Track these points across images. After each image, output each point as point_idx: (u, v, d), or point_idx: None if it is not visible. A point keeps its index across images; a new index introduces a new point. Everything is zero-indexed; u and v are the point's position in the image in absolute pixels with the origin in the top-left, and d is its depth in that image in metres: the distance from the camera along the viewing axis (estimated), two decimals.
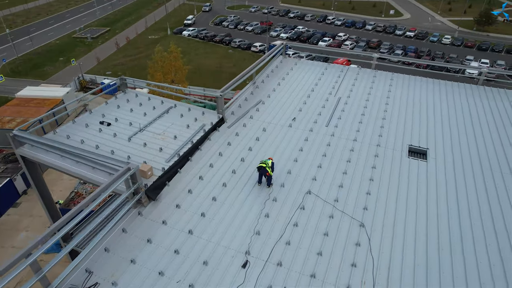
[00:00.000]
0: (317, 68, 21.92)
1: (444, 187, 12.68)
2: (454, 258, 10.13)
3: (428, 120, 16.50)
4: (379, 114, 16.98)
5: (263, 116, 16.92)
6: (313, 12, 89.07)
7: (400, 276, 9.63)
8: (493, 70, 19.61)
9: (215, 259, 10.12)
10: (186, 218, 11.41)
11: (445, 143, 14.95)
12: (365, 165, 13.75)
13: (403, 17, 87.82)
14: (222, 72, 56.75)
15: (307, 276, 9.65)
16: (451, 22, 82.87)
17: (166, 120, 15.87)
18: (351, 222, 11.29)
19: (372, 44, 65.71)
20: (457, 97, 18.46)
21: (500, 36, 73.70)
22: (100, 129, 14.93)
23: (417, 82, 20.06)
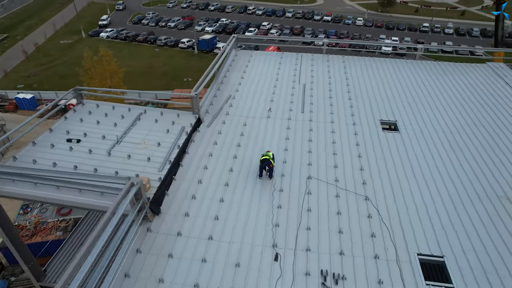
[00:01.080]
0: (272, 57, 22.34)
1: (420, 151, 14.17)
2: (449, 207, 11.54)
3: (388, 95, 18.11)
4: (345, 95, 18.10)
5: (238, 111, 16.82)
6: (233, 4, 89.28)
7: (413, 237, 10.66)
8: (430, 47, 22.16)
9: (244, 259, 10.01)
10: (200, 225, 11.01)
11: (409, 114, 16.62)
12: (349, 144, 14.65)
13: (318, 3, 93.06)
14: (153, 72, 54.19)
15: (337, 255, 10.13)
16: (359, 6, 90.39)
17: (141, 127, 14.83)
18: (356, 198, 12.05)
19: (296, 31, 68.58)
20: (405, 72, 20.52)
21: (400, 16, 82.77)
22: (71, 147, 13.35)
23: (366, 62, 21.76)
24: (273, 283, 9.41)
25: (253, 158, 13.79)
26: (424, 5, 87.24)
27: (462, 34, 69.11)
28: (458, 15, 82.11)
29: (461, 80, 19.68)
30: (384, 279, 9.47)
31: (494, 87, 18.97)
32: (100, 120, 15.10)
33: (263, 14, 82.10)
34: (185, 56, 59.20)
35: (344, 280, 9.47)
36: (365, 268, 9.81)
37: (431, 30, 70.37)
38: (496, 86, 19.09)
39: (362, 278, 9.55)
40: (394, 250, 10.28)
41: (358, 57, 22.31)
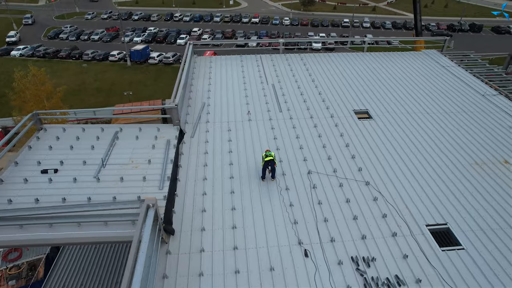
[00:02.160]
0: (233, 61, 22.32)
1: (396, 134, 15.46)
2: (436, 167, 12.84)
3: (352, 86, 19.35)
4: (314, 90, 18.90)
5: (217, 117, 16.54)
6: (157, 12, 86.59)
7: (418, 211, 11.65)
8: (377, 39, 24.08)
9: (276, 261, 9.98)
10: (220, 237, 10.68)
11: (376, 102, 17.98)
12: (334, 135, 15.37)
13: (242, 6, 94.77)
14: (85, 89, 50.15)
15: (360, 240, 10.63)
16: (282, 6, 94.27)
17: (123, 147, 13.76)
18: (358, 184, 12.74)
19: (228, 34, 69.04)
20: (359, 63, 22.09)
21: (321, 13, 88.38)
22: (50, 179, 11.85)
23: (322, 58, 22.93)
24: (312, 279, 9.54)
25: (249, 162, 13.73)
26: (340, 3, 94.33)
27: (377, 27, 76.33)
28: (370, 11, 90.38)
29: (408, 67, 21.85)
30: (408, 253, 10.21)
31: (436, 70, 21.44)
32: (73, 144, 13.64)
33: (190, 20, 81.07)
34: (118, 69, 55.83)
35: (374, 262, 9.99)
36: (387, 247, 10.46)
37: (351, 25, 76.42)
38: (436, 69, 21.58)
39: (389, 256, 10.18)
40: (406, 226, 11.12)
41: (314, 54, 23.43)
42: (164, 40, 66.98)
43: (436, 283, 9.49)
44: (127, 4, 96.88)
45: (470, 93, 18.79)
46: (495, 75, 21.92)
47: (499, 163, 13.87)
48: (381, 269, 9.82)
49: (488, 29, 73.28)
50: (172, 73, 54.06)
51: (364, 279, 9.55)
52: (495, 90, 19.26)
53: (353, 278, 9.58)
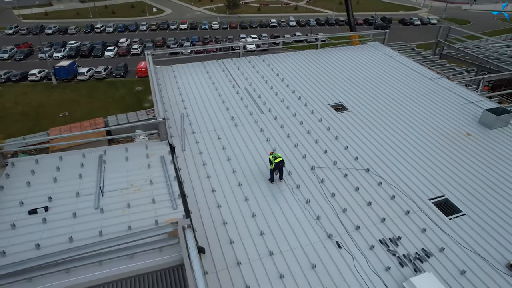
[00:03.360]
0: (196, 68, 21.74)
1: (375, 121, 16.64)
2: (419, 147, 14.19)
3: (320, 82, 20.23)
4: (286, 89, 19.36)
5: (202, 127, 16.05)
6: (74, 24, 79.79)
7: (418, 188, 12.75)
8: (329, 35, 25.38)
9: (315, 259, 10.14)
10: (251, 245, 10.48)
11: (346, 94, 19.07)
12: (321, 129, 15.98)
13: (166, 13, 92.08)
14: (7, 115, 44.16)
15: (381, 223, 11.31)
16: (207, 11, 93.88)
17: (115, 170, 12.58)
18: (360, 172, 13.46)
19: (159, 43, 66.59)
20: (317, 60, 23.14)
21: (247, 15, 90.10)
22: (44, 219, 10.35)
23: (282, 58, 23.52)
24: (353, 268, 9.89)
25: (251, 167, 13.63)
26: (263, 4, 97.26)
27: (303, 25, 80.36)
28: (292, 10, 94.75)
29: (361, 59, 23.53)
30: (424, 227, 11.14)
31: (385, 60, 23.44)
32: (55, 176, 12.07)
33: (114, 31, 76.26)
34: (43, 89, 50.17)
35: (400, 240, 10.72)
36: (405, 225, 11.29)
37: (279, 25, 79.27)
38: (385, 59, 23.62)
39: (410, 233, 11.00)
40: (414, 203, 12.11)
41: (273, 55, 23.92)
42: (90, 54, 62.03)
43: (456, 248, 10.54)
44: (33, 17, 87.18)
45: (420, 78, 20.99)
46: (431, 60, 24.79)
47: (464, 136, 15.79)
48: (408, 246, 10.58)
49: (396, 22, 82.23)
50: (107, 88, 50.55)
51: (397, 258, 10.20)
52: (438, 74, 21.80)
53: (388, 259, 10.16)
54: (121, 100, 48.27)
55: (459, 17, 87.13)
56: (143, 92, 49.55)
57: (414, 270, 9.86)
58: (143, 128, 43.86)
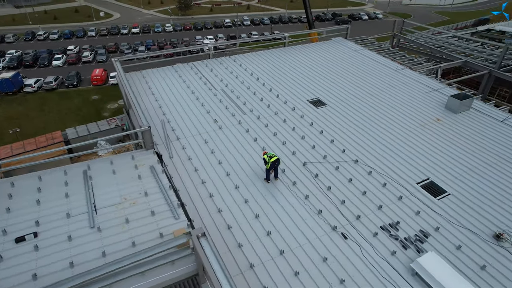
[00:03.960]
0: (167, 72, 21.08)
1: (353, 113, 17.27)
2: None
3: (295, 79, 20.56)
4: (263, 89, 19.43)
5: (186, 132, 15.64)
6: (11, 31, 73.66)
7: (405, 174, 13.47)
8: (293, 33, 25.75)
9: (325, 251, 10.36)
10: (260, 247, 10.46)
11: (322, 90, 19.56)
12: (304, 125, 16.27)
13: (115, 17, 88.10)
14: None
15: (378, 210, 11.81)
16: (158, 13, 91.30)
17: (104, 185, 11.85)
18: (350, 164, 13.92)
19: (111, 48, 63.65)
20: (287, 58, 23.47)
21: (199, 16, 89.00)
22: (35, 246, 9.49)
23: (252, 57, 23.55)
24: (362, 256, 10.23)
25: (244, 168, 13.56)
26: (215, 4, 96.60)
27: (257, 24, 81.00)
28: (245, 9, 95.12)
29: (329, 55, 24.24)
30: (419, 210, 11.80)
31: (351, 54, 24.36)
32: (38, 198, 11.11)
33: (60, 38, 71.52)
34: None
35: (399, 224, 11.27)
36: (401, 210, 11.88)
37: (233, 25, 79.21)
38: (351, 54, 24.55)
39: (406, 217, 11.60)
40: (404, 189, 12.78)
41: (244, 55, 23.85)
42: (35, 64, 57.66)
43: (448, 226, 11.30)
44: None
45: (386, 70, 22.11)
46: (392, 52, 26.22)
47: (434, 121, 16.92)
48: (407, 229, 11.16)
49: (346, 17, 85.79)
50: (60, 100, 47.40)
51: (400, 241, 10.72)
52: (401, 65, 23.12)
53: (391, 244, 10.65)
54: (77, 111, 45.50)
55: (401, 11, 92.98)
56: (101, 101, 47.15)
57: (417, 251, 10.42)
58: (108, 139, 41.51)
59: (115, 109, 45.35)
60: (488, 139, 15.64)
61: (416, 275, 9.68)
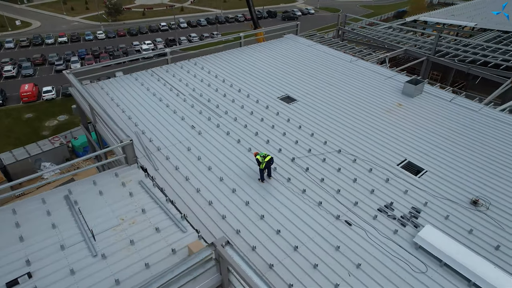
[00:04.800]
0: (127, 81, 19.87)
1: (322, 106, 17.99)
2: None
3: (260, 78, 20.73)
4: (232, 90, 19.31)
5: (165, 141, 14.99)
6: None
7: (385, 158, 14.44)
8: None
9: (335, 240, 10.74)
10: (274, 247, 10.51)
11: (288, 86, 20.01)
12: (282, 122, 16.54)
13: (34, 26, 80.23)
14: None
15: (372, 194, 12.52)
16: (86, 20, 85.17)
17: (93, 209, 10.88)
18: (334, 155, 14.51)
19: (38, 61, 58.03)
20: (246, 58, 23.56)
21: (132, 21, 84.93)
22: (35, 287, 8.43)
23: (211, 59, 23.20)
24: (369, 240, 10.79)
25: (236, 171, 13.44)
26: (147, 8, 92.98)
27: (194, 25, 79.69)
28: (179, 12, 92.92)
29: (286, 51, 24.81)
30: (406, 189, 12.75)
31: (306, 50, 25.23)
32: (20, 234, 9.84)
33: None
34: None
35: (393, 205, 12.08)
36: (390, 191, 12.74)
37: (169, 28, 76.99)
38: (306, 49, 25.42)
39: (397, 197, 12.47)
40: (388, 171, 13.70)
41: (202, 57, 23.40)
42: None
43: (433, 200, 12.40)
44: None
45: (341, 62, 23.34)
46: (342, 45, 27.72)
47: (396, 106, 18.33)
48: (401, 208, 12.01)
49: (281, 14, 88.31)
50: None
51: (398, 220, 11.51)
52: (353, 56, 24.57)
53: (391, 224, 11.38)
54: (8, 133, 40.93)
55: (331, 6, 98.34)
56: (36, 120, 42.95)
57: (414, 226, 11.28)
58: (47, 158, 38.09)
59: (55, 127, 41.72)
60: (443, 118, 17.39)
61: (420, 248, 10.49)
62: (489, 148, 15.25)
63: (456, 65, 25.53)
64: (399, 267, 10.04)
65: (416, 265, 10.11)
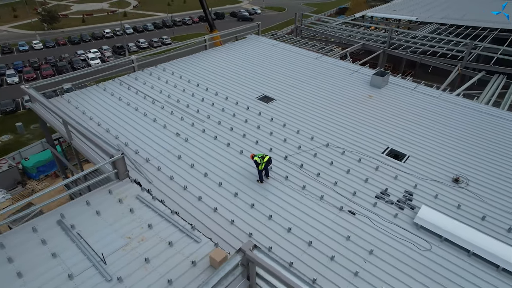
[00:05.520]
0: (95, 93, 18.67)
1: (301, 103, 18.43)
2: None
3: (234, 80, 20.63)
4: (209, 94, 19.00)
5: (152, 152, 14.40)
6: None
7: (370, 147, 15.21)
8: (214, 34, 25.53)
9: (344, 231, 11.15)
10: (288, 245, 10.66)
11: (263, 87, 20.16)
12: (266, 122, 16.67)
13: None
14: None
15: (367, 183, 13.15)
16: (17, 29, 78.15)
17: (94, 230, 10.12)
18: (324, 148, 14.95)
19: None
20: (216, 60, 23.30)
21: (71, 29, 79.58)
22: None
23: (181, 63, 22.61)
24: (374, 226, 11.32)
25: (233, 175, 13.35)
26: (86, 14, 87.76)
27: (141, 31, 76.73)
28: (121, 17, 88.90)
29: (254, 52, 24.96)
30: (395, 174, 13.56)
31: (273, 49, 25.59)
32: (17, 269, 8.85)
33: None
34: None
35: (388, 191, 12.79)
36: (383, 178, 13.46)
37: (114, 34, 73.36)
38: (272, 49, 25.77)
39: (389, 183, 13.22)
40: (376, 160, 14.45)
41: (169, 62, 22.71)
42: None
43: (421, 182, 13.33)
44: None
45: (308, 59, 24.04)
46: (303, 43, 28.51)
47: (368, 98, 19.35)
48: (395, 193, 12.75)
49: (228, 15, 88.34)
50: None
51: (395, 204, 12.21)
52: (317, 53, 25.42)
53: (390, 209, 12.05)
54: None
55: (275, 5, 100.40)
56: None
57: (411, 208, 12.05)
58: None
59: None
60: (411, 105, 18.72)
61: (421, 228, 11.24)
62: (454, 129, 16.74)
63: (409, 56, 27.61)
64: (407, 248, 10.68)
65: (420, 243, 10.82)
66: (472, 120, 17.59)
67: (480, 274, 10.07)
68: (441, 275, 9.92)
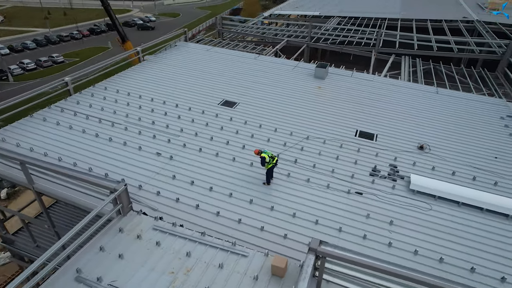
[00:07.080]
0: (38, 125, 15.77)
1: (266, 103, 18.86)
2: None
3: (188, 89, 19.80)
4: (169, 107, 17.82)
5: (142, 178, 13.01)
6: None
7: (343, 132, 16.55)
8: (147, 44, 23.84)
9: (361, 211, 12.07)
10: (323, 236, 11.01)
11: (222, 92, 19.86)
12: (241, 126, 16.62)
13: None
14: None
15: (357, 164, 14.37)
16: None
17: (128, 277, 8.89)
18: (306, 142, 15.70)
19: None
20: (158, 71, 21.93)
21: None
22: None
23: (117, 81, 20.65)
24: (382, 200, 12.55)
25: (236, 182, 13.12)
26: None
27: (19, 50, 66.19)
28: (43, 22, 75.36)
29: (187, 58, 24.08)
30: (376, 153, 15.11)
31: (206, 53, 25.24)
32: None
33: None
34: None
35: (376, 168, 14.22)
36: (367, 157, 14.86)
37: None
38: (205, 53, 25.41)
39: (374, 160, 14.68)
40: (354, 143, 15.82)
41: (107, 80, 20.53)
42: None
43: (398, 154, 15.17)
44: None
45: (248, 60, 24.48)
46: (233, 45, 28.83)
47: (318, 89, 20.86)
48: (383, 168, 14.27)
49: (148, 23, 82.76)
50: None
51: (388, 178, 13.71)
52: (253, 54, 26.07)
53: (386, 182, 13.48)
54: None
55: (169, 11, 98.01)
56: None
57: (402, 178, 13.67)
58: None
59: None
60: (357, 90, 20.89)
61: (417, 192, 12.89)
62: (399, 106, 19.36)
63: (331, 47, 30.45)
64: (415, 212, 12.16)
65: (422, 206, 12.43)
66: (409, 96, 20.56)
67: (471, 218, 12.11)
68: (445, 226, 11.62)
